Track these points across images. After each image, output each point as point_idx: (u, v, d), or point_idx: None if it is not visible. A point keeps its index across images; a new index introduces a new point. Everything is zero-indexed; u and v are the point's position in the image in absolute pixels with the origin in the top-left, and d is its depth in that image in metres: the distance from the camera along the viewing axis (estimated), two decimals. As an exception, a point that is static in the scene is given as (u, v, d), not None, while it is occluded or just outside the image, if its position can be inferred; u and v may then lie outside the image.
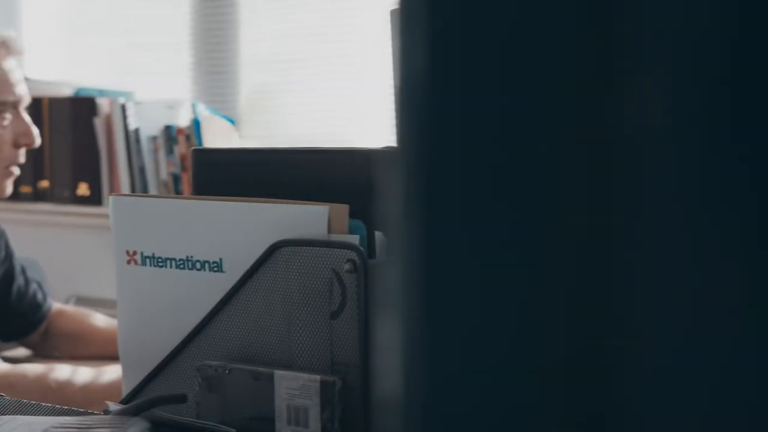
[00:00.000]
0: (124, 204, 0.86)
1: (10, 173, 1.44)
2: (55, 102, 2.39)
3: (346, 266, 0.74)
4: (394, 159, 0.21)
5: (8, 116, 1.41)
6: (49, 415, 0.79)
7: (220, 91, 2.55)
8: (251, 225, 0.79)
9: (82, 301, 2.36)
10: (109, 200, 0.86)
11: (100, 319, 1.67)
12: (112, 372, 1.32)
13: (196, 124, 2.30)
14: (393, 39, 0.83)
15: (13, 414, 0.78)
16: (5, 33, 1.45)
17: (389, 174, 0.21)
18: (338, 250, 0.75)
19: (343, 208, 0.78)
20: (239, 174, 0.89)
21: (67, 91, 2.44)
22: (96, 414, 0.79)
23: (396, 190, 0.21)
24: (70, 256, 2.50)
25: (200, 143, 2.29)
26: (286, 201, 0.79)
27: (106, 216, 2.64)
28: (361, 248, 0.74)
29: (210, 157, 0.91)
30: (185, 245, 0.82)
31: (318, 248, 0.76)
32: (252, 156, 0.90)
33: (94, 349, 1.58)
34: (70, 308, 1.72)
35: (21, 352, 1.68)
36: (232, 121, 2.46)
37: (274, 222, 0.78)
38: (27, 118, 1.45)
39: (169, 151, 2.32)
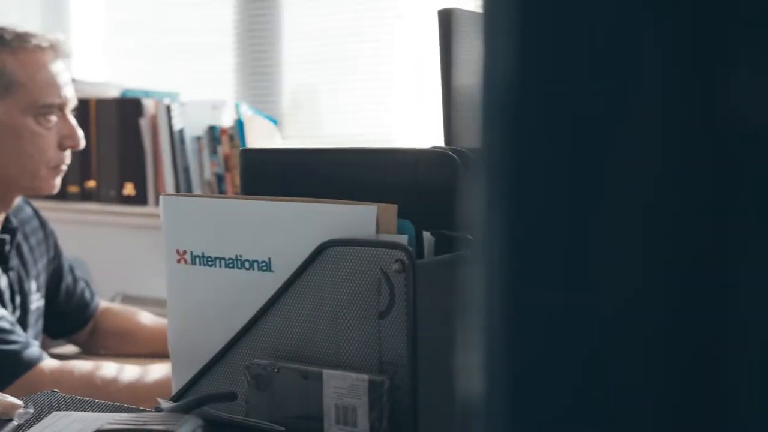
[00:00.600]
0: (175, 204, 0.86)
1: (58, 171, 1.46)
2: (102, 103, 2.43)
3: (395, 266, 0.75)
4: (475, 160, 0.21)
5: (54, 118, 1.43)
6: (102, 412, 0.80)
7: (262, 91, 2.57)
8: (300, 225, 0.80)
9: (127, 299, 2.39)
10: (160, 200, 0.87)
11: (147, 317, 1.70)
12: (157, 371, 1.33)
13: (239, 124, 2.32)
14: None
15: (68, 410, 0.80)
16: (54, 36, 1.47)
17: (470, 175, 0.21)
18: (387, 250, 0.75)
19: (392, 208, 0.78)
20: (287, 174, 0.90)
21: (113, 93, 2.48)
22: (148, 411, 0.80)
23: (479, 191, 0.21)
24: (116, 255, 2.54)
25: (243, 143, 2.31)
26: (335, 201, 0.79)
27: (151, 215, 2.69)
28: (410, 248, 0.74)
29: (258, 157, 0.92)
30: (234, 245, 0.83)
31: (366, 248, 0.76)
32: (300, 156, 0.91)
33: (141, 346, 1.60)
34: (117, 306, 1.75)
35: (69, 349, 1.71)
36: (274, 121, 2.48)
37: (322, 222, 0.79)
38: (72, 120, 1.47)
39: (213, 152, 2.35)
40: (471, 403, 0.20)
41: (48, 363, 1.30)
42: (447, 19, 0.88)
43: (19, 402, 0.79)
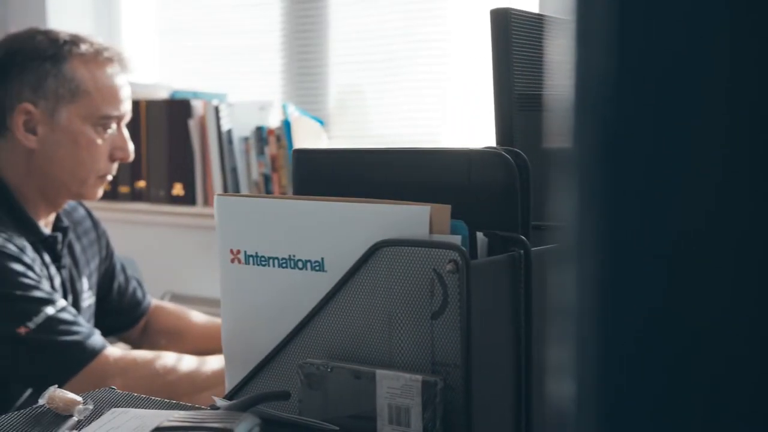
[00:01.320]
0: (229, 204, 0.87)
1: (104, 181, 1.50)
2: (152, 104, 2.46)
3: (448, 266, 0.74)
4: (564, 162, 0.21)
5: (110, 130, 1.46)
6: (158, 409, 0.82)
7: (309, 92, 2.59)
8: (353, 225, 0.80)
9: (176, 298, 2.43)
10: (214, 200, 0.88)
11: (198, 316, 1.72)
12: (215, 361, 1.36)
13: (286, 125, 2.34)
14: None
15: (125, 407, 0.81)
16: (122, 50, 1.50)
17: (558, 175, 0.21)
18: (440, 250, 0.75)
19: (445, 209, 0.78)
20: (340, 174, 0.90)
21: (163, 94, 2.51)
22: (204, 408, 0.81)
23: (571, 192, 0.20)
24: (165, 255, 2.57)
25: (290, 144, 2.32)
26: (388, 201, 0.79)
27: (199, 215, 2.72)
28: (464, 248, 0.74)
29: (311, 157, 0.92)
30: (288, 244, 0.84)
31: (420, 248, 0.76)
32: (352, 156, 0.91)
33: (192, 344, 1.63)
34: (168, 305, 1.77)
35: (121, 347, 1.73)
36: (321, 122, 2.49)
37: (375, 222, 0.79)
38: (126, 134, 1.50)
39: (260, 152, 2.37)
40: (561, 406, 0.20)
41: (111, 351, 1.32)
42: (501, 19, 0.88)
43: (78, 398, 0.80)
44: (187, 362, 1.34)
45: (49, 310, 1.29)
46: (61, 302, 1.32)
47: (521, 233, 0.81)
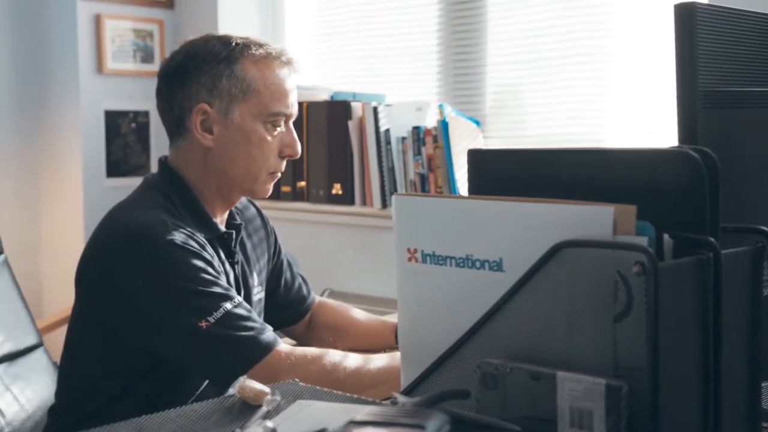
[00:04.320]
0: (407, 203, 0.89)
1: (274, 177, 1.55)
2: (313, 106, 2.53)
3: (634, 268, 0.73)
4: None
5: (279, 127, 1.51)
6: (339, 402, 0.84)
7: (465, 92, 2.59)
8: (533, 225, 0.80)
9: (334, 294, 2.49)
10: (392, 200, 0.90)
11: (358, 313, 1.75)
12: (379, 359, 1.38)
13: (443, 125, 2.35)
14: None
15: (309, 399, 0.83)
16: (291, 53, 1.56)
17: None
18: (625, 252, 0.73)
19: (630, 209, 0.76)
20: (515, 174, 0.90)
21: (323, 96, 2.58)
22: (385, 404, 0.83)
23: None
24: (324, 252, 2.64)
25: (447, 144, 2.33)
26: (570, 201, 0.78)
27: (357, 215, 2.78)
28: (650, 250, 0.72)
29: (486, 158, 0.92)
30: (465, 244, 0.84)
31: (603, 249, 0.75)
32: (528, 156, 0.91)
33: (355, 341, 1.66)
34: (331, 302, 1.81)
35: (286, 341, 1.79)
36: (477, 122, 2.49)
37: (556, 222, 0.78)
38: (293, 131, 1.55)
39: (417, 152, 2.39)
40: None
41: (284, 347, 1.37)
42: (686, 13, 0.85)
43: (266, 389, 0.84)
44: (352, 360, 1.36)
45: (227, 306, 1.35)
46: (237, 298, 1.38)
47: (710, 235, 0.78)
